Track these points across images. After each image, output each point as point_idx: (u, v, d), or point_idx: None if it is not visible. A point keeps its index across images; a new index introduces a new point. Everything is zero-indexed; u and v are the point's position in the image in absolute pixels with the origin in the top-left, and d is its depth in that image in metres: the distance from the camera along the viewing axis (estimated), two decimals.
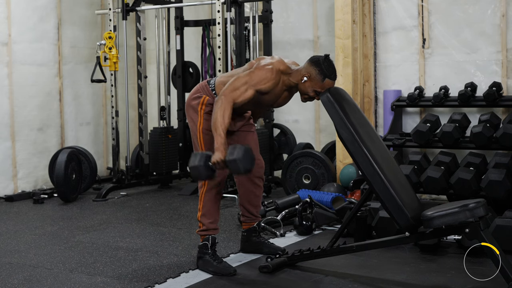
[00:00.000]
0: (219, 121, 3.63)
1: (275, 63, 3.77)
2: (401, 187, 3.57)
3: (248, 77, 3.72)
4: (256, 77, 3.72)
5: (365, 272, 3.86)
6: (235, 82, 3.72)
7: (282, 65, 3.79)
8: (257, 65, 3.78)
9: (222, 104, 3.66)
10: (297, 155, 6.18)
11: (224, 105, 3.66)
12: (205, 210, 3.94)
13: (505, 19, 5.76)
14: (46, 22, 7.11)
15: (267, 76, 3.73)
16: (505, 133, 5.16)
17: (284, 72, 3.79)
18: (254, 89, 3.72)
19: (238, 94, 3.69)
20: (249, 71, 3.77)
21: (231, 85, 3.72)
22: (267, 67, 3.74)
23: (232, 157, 3.55)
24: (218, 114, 3.64)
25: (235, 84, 3.71)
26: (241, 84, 3.71)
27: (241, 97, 3.69)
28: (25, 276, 3.89)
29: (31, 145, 6.92)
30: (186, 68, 7.37)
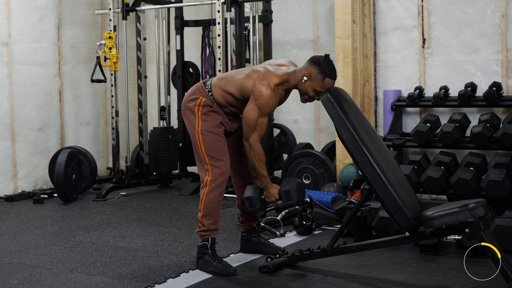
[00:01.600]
0: (259, 163, 3.88)
1: (270, 82, 3.78)
2: (401, 187, 3.57)
3: (257, 110, 3.78)
4: (262, 106, 3.78)
5: (365, 272, 3.86)
6: (250, 122, 3.80)
7: (276, 78, 3.80)
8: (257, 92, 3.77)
9: (253, 148, 3.84)
10: (297, 155, 6.18)
11: (255, 147, 3.84)
12: (206, 211, 3.93)
13: (505, 19, 5.76)
14: (46, 22, 7.11)
15: (270, 99, 3.79)
16: (505, 133, 5.16)
17: (280, 83, 3.81)
18: (266, 116, 3.85)
19: (259, 130, 3.84)
20: (254, 104, 3.77)
21: (249, 127, 3.82)
22: (266, 92, 3.76)
23: (287, 188, 3.92)
24: (255, 158, 3.86)
25: (251, 124, 3.81)
26: (255, 122, 3.80)
27: (262, 130, 3.86)
28: (25, 276, 3.89)
29: (31, 145, 6.92)
30: (186, 68, 7.37)
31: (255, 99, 3.77)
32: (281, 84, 3.81)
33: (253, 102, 3.78)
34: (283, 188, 3.92)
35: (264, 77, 3.79)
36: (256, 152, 3.85)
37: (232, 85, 3.89)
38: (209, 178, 3.91)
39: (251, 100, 3.79)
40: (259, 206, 3.96)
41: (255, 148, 3.84)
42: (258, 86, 3.77)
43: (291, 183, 3.94)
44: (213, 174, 3.91)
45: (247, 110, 3.80)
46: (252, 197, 3.95)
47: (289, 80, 3.81)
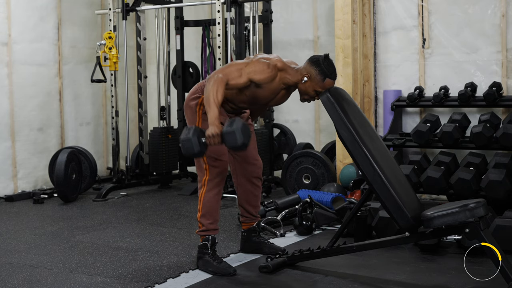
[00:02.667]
0: (212, 96, 3.57)
1: (272, 59, 3.79)
2: (401, 187, 3.57)
3: (244, 65, 3.74)
4: (251, 66, 3.72)
5: (365, 272, 3.86)
6: (229, 66, 3.76)
7: (279, 62, 3.79)
8: (254, 58, 3.80)
9: (214, 81, 3.63)
10: (297, 155, 6.18)
11: (217, 82, 3.62)
12: (204, 210, 3.93)
13: (505, 19, 5.76)
14: (46, 22, 7.11)
15: (263, 68, 3.72)
16: (505, 133, 5.16)
17: (281, 69, 3.79)
18: (248, 77, 3.71)
19: (232, 76, 3.68)
20: (245, 61, 3.80)
21: (226, 68, 3.74)
22: (264, 60, 3.77)
23: (230, 129, 3.44)
24: (210, 90, 3.59)
25: (229, 68, 3.73)
26: (235, 69, 3.72)
27: (234, 80, 3.67)
28: (25, 276, 3.89)
29: (31, 145, 6.92)
30: (186, 68, 7.37)
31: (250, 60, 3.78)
32: (281, 70, 3.79)
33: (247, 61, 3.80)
34: (226, 129, 3.46)
35: (270, 56, 3.84)
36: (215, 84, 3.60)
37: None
38: (207, 178, 3.91)
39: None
40: (198, 149, 3.49)
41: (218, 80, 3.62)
42: (260, 56, 3.83)
43: (235, 124, 3.48)
44: (210, 173, 3.90)
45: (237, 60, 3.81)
46: (191, 139, 3.46)
47: (289, 73, 3.79)
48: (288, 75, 3.80)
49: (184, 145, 3.51)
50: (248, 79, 3.71)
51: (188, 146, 3.48)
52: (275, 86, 3.81)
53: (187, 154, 3.54)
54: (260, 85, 3.75)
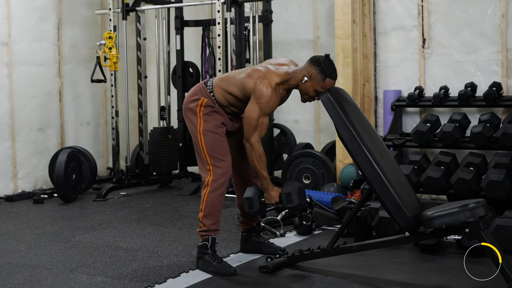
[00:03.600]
0: (260, 164, 3.85)
1: (271, 81, 3.77)
2: (401, 187, 3.57)
3: (258, 110, 3.77)
4: (263, 106, 3.77)
5: (365, 272, 3.86)
6: (251, 122, 3.79)
7: (277, 77, 3.80)
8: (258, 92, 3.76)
9: (254, 148, 3.82)
10: (297, 155, 6.18)
11: (256, 147, 3.82)
12: (207, 211, 3.93)
13: (505, 19, 5.76)
14: (46, 22, 7.11)
15: (271, 99, 3.78)
16: (505, 133, 5.16)
17: (281, 82, 3.81)
18: (267, 115, 3.83)
19: (260, 129, 3.82)
20: (255, 103, 3.77)
21: (250, 126, 3.80)
22: (267, 91, 3.75)
23: (287, 191, 3.88)
24: (255, 158, 3.84)
25: (252, 123, 3.79)
26: (256, 121, 3.79)
27: (263, 130, 3.84)
28: (25, 276, 3.89)
29: (31, 145, 6.92)
30: (186, 68, 7.37)
31: (256, 98, 3.77)
32: (282, 83, 3.81)
33: (254, 102, 3.77)
34: (285, 191, 3.89)
35: (265, 77, 3.78)
36: (257, 153, 3.83)
37: (233, 85, 3.89)
38: (210, 178, 3.91)
39: (252, 99, 3.79)
40: (258, 208, 3.93)
41: (256, 148, 3.83)
42: (259, 85, 3.77)
43: (292, 186, 3.91)
44: (214, 174, 3.91)
45: (248, 109, 3.80)
46: (252, 198, 3.92)
47: (290, 79, 3.82)
48: (288, 82, 3.82)
49: (246, 203, 3.95)
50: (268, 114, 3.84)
51: (249, 204, 3.94)
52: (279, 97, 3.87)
53: (249, 211, 3.97)
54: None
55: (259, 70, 3.83)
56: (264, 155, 3.87)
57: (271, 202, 3.91)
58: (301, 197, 3.91)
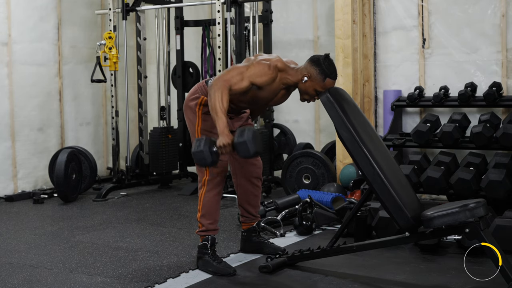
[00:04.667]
0: (218, 104, 3.57)
1: (272, 60, 3.78)
2: (401, 187, 3.57)
3: (245, 69, 3.73)
4: (252, 70, 3.71)
5: (365, 272, 3.86)
6: (231, 71, 3.73)
7: (279, 62, 3.79)
8: (255, 60, 3.79)
9: (218, 88, 3.61)
10: (297, 155, 6.18)
11: (220, 89, 3.61)
12: (204, 210, 3.93)
13: (505, 19, 5.76)
14: (46, 22, 7.11)
15: (264, 70, 3.72)
16: (505, 133, 5.16)
17: (282, 69, 3.78)
18: (250, 81, 3.70)
19: (234, 81, 3.67)
20: (246, 64, 3.78)
21: (227, 73, 3.72)
22: (264, 62, 3.75)
23: (241, 139, 3.49)
24: (216, 98, 3.58)
25: (231, 73, 3.71)
26: (237, 73, 3.70)
27: (237, 85, 3.66)
28: (25, 276, 3.89)
29: (31, 145, 6.92)
30: (186, 68, 7.37)
31: (252, 61, 3.78)
32: (282, 71, 3.79)
33: (247, 61, 3.79)
34: (238, 140, 3.51)
35: (270, 57, 3.82)
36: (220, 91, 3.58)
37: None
38: (206, 178, 3.91)
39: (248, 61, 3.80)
40: (210, 159, 3.53)
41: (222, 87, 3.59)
42: (260, 57, 3.81)
43: (246, 133, 3.52)
44: (210, 173, 3.90)
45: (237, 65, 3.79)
46: (202, 150, 3.49)
47: (289, 73, 3.79)
48: (288, 75, 3.80)
49: (196, 156, 3.54)
50: (250, 82, 3.71)
51: (200, 157, 3.52)
52: (276, 87, 3.82)
53: (201, 165, 3.58)
54: (261, 87, 3.76)
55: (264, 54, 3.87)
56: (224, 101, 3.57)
57: (222, 151, 3.53)
58: (257, 145, 3.52)
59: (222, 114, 3.56)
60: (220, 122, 3.55)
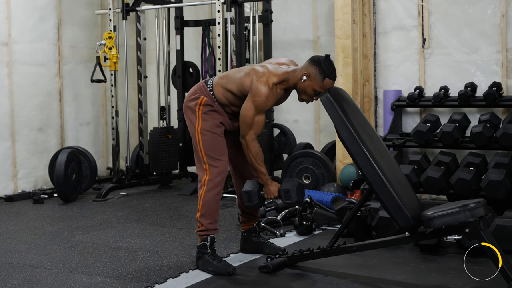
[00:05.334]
0: (257, 160, 3.87)
1: (268, 80, 3.78)
2: (401, 187, 3.57)
3: (254, 108, 3.79)
4: (259, 104, 3.78)
5: (365, 272, 3.86)
6: (246, 120, 3.81)
7: (275, 77, 3.80)
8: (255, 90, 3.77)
9: (249, 145, 3.84)
10: (297, 155, 6.18)
11: (252, 145, 3.84)
12: (204, 210, 3.93)
13: (505, 19, 5.76)
14: (46, 22, 7.11)
15: (267, 98, 3.78)
16: (505, 133, 5.16)
17: (278, 82, 3.81)
18: (264, 113, 3.85)
19: (256, 127, 3.84)
20: (251, 101, 3.78)
21: (245, 124, 3.82)
22: (264, 90, 3.76)
23: (286, 187, 3.90)
24: (252, 156, 3.86)
25: (247, 122, 3.81)
26: (251, 119, 3.80)
27: (259, 128, 3.85)
28: (25, 276, 3.89)
29: (31, 145, 6.92)
30: (186, 68, 7.37)
31: (252, 96, 3.78)
32: (279, 83, 3.81)
33: (250, 100, 3.78)
34: (283, 187, 3.91)
35: (263, 75, 3.79)
36: (253, 150, 3.85)
37: (233, 83, 3.89)
38: (207, 178, 3.91)
39: (249, 97, 3.80)
40: (257, 201, 3.93)
41: (252, 145, 3.84)
42: (256, 83, 3.78)
43: (291, 183, 3.93)
44: (211, 173, 3.91)
45: (244, 107, 3.81)
46: (251, 191, 3.92)
47: (288, 79, 3.81)
48: (287, 81, 3.81)
49: (245, 196, 3.94)
50: (264, 113, 3.87)
51: (248, 197, 3.93)
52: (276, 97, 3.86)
53: (247, 204, 3.97)
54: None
55: (257, 69, 3.84)
56: (260, 151, 3.89)
57: (270, 196, 3.91)
58: (300, 194, 3.92)
59: (263, 168, 3.90)
60: (263, 177, 3.91)
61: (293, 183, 3.92)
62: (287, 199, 3.91)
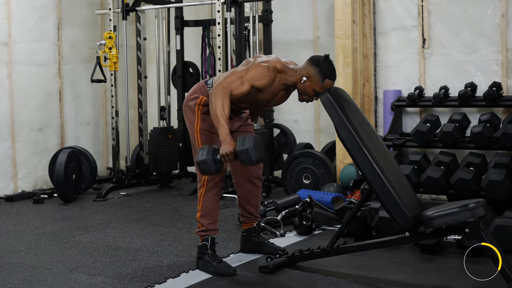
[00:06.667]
0: (219, 111, 3.60)
1: (271, 61, 3.78)
2: (401, 187, 3.57)
3: (244, 72, 3.72)
4: (252, 73, 3.72)
5: (365, 272, 3.86)
6: (231, 76, 3.73)
7: (278, 63, 3.79)
8: (254, 63, 3.79)
9: (219, 95, 3.64)
10: (297, 155, 6.18)
11: (221, 96, 3.63)
12: (204, 211, 3.93)
13: (505, 19, 5.76)
14: (46, 22, 7.11)
15: (263, 73, 3.72)
16: (505, 133, 5.16)
17: (281, 70, 3.79)
18: (250, 84, 3.71)
19: (234, 86, 3.68)
20: (245, 67, 3.77)
21: (227, 78, 3.72)
22: (263, 64, 3.75)
23: (243, 147, 3.51)
24: (217, 105, 3.61)
25: (231, 78, 3.71)
26: (236, 78, 3.71)
27: (237, 89, 3.68)
28: (25, 276, 3.89)
29: (31, 145, 6.92)
30: (186, 68, 7.38)
31: (251, 63, 3.77)
32: (280, 72, 3.79)
33: (246, 65, 3.78)
34: (240, 148, 3.53)
35: (268, 58, 3.82)
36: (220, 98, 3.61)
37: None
38: (206, 178, 3.91)
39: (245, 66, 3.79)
40: (214, 168, 3.57)
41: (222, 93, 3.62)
42: (259, 59, 3.81)
43: (247, 141, 3.54)
44: None
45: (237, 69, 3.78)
46: (206, 160, 3.53)
47: (288, 74, 3.80)
48: (288, 76, 3.80)
49: (200, 165, 3.59)
50: (250, 85, 3.72)
51: (204, 167, 3.57)
52: (275, 88, 3.82)
53: (204, 173, 3.64)
54: (261, 89, 3.76)
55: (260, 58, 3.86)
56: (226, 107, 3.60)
57: (225, 159, 3.57)
58: (259, 152, 3.54)
59: (224, 121, 3.58)
60: (222, 130, 3.58)
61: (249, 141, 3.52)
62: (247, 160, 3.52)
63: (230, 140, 3.57)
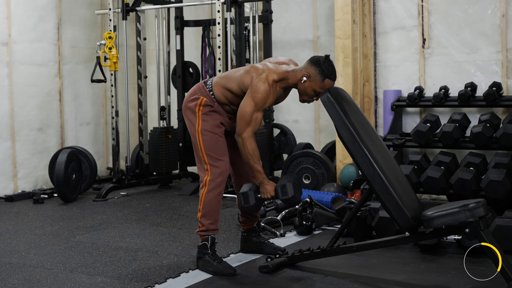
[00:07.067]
0: (253, 158, 3.83)
1: (268, 77, 3.78)
2: (401, 187, 3.57)
3: (253, 104, 3.77)
4: (258, 100, 3.76)
5: (365, 272, 3.86)
6: (245, 116, 3.78)
7: (275, 74, 3.80)
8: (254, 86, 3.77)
9: (246, 143, 3.81)
10: (297, 155, 6.18)
11: (248, 142, 3.80)
12: (205, 211, 3.94)
13: (505, 19, 5.76)
14: (46, 22, 7.11)
15: (267, 94, 3.77)
16: (505, 133, 5.16)
17: (278, 80, 3.81)
18: (262, 111, 3.83)
19: (253, 125, 3.81)
20: (250, 97, 3.77)
21: (243, 121, 3.79)
22: (264, 86, 3.76)
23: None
24: (248, 153, 3.82)
25: (246, 118, 3.78)
26: (250, 116, 3.78)
27: (257, 125, 3.83)
28: (25, 276, 3.89)
29: (31, 145, 6.92)
30: (186, 68, 7.38)
31: (252, 93, 3.77)
32: (279, 81, 3.81)
33: (250, 96, 3.78)
34: (279, 183, 3.87)
35: (263, 72, 3.80)
36: (250, 147, 3.81)
37: (232, 82, 3.89)
38: (208, 178, 3.91)
39: (248, 93, 3.79)
40: (254, 202, 3.91)
41: (248, 143, 3.81)
42: (256, 80, 3.78)
43: (287, 179, 3.89)
44: (212, 174, 3.91)
45: (243, 104, 3.80)
46: (248, 192, 3.90)
47: (288, 78, 3.82)
48: (287, 80, 3.81)
49: (241, 197, 3.95)
50: (263, 111, 3.84)
51: (245, 199, 3.94)
52: (276, 95, 3.86)
53: (244, 206, 3.97)
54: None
55: (257, 67, 3.85)
56: (257, 149, 3.85)
57: (266, 196, 3.88)
58: (296, 189, 3.87)
59: (259, 166, 3.87)
60: (258, 175, 3.88)
61: (289, 179, 3.89)
62: (284, 195, 3.85)
63: (268, 182, 3.89)
